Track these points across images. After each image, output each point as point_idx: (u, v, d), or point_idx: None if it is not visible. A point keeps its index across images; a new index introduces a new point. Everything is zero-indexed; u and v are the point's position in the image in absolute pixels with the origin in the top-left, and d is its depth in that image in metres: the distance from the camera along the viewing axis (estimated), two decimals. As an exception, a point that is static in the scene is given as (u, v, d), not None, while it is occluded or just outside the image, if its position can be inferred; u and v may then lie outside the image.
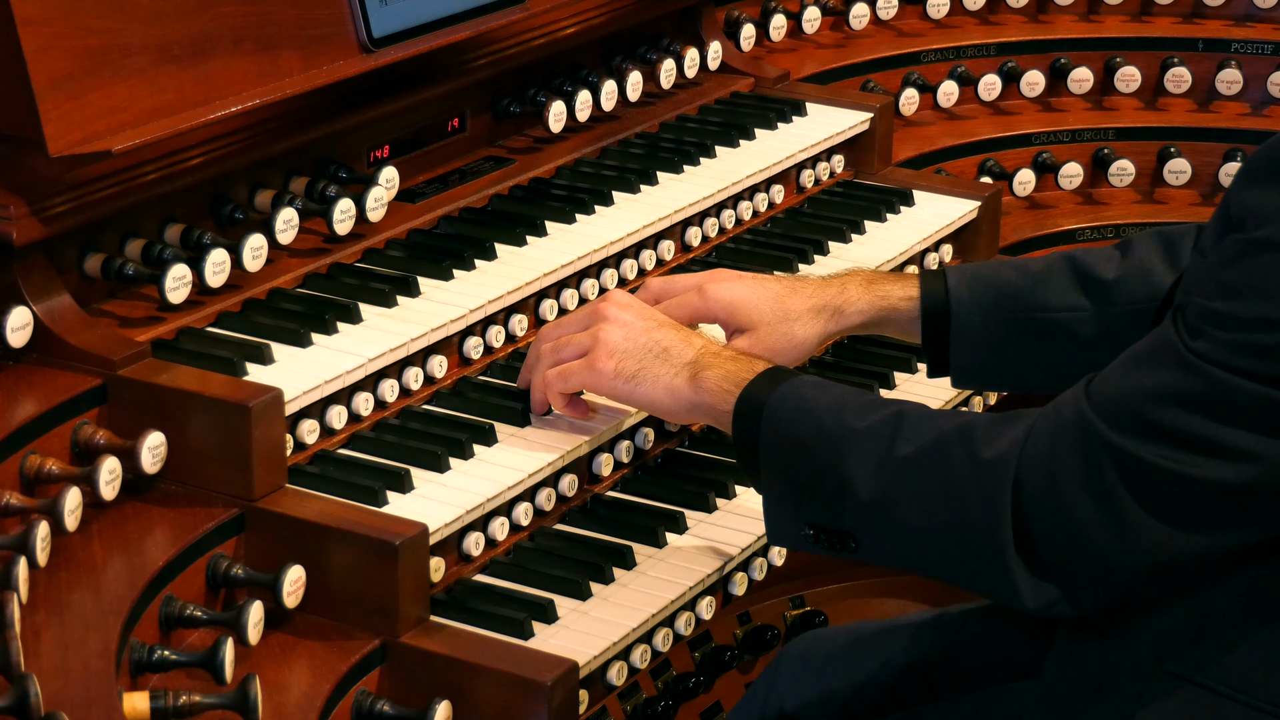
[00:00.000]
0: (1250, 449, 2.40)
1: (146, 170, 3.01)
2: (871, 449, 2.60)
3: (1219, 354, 2.39)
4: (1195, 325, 2.43)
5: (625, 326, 2.93)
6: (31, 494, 2.72)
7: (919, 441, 2.57)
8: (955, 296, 3.08)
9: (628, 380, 2.90)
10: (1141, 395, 2.45)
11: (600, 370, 2.92)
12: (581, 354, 2.95)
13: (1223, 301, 2.41)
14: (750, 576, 3.04)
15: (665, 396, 2.88)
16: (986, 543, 2.51)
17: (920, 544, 2.58)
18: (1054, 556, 2.50)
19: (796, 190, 3.92)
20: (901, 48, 4.52)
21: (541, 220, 3.45)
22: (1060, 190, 4.48)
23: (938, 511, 2.55)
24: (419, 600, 2.77)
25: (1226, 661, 2.55)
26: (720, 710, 3.92)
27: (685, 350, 2.88)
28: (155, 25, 3.03)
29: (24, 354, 2.89)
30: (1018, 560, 2.50)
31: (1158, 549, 2.47)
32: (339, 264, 3.27)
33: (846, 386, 2.77)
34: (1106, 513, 2.46)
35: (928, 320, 3.10)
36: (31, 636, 2.48)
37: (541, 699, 2.65)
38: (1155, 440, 2.43)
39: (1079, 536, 2.48)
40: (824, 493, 2.64)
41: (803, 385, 2.74)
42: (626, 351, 2.91)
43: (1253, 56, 4.63)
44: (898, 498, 2.58)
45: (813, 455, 2.66)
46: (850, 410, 2.66)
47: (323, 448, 2.96)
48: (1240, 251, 2.41)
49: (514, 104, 3.72)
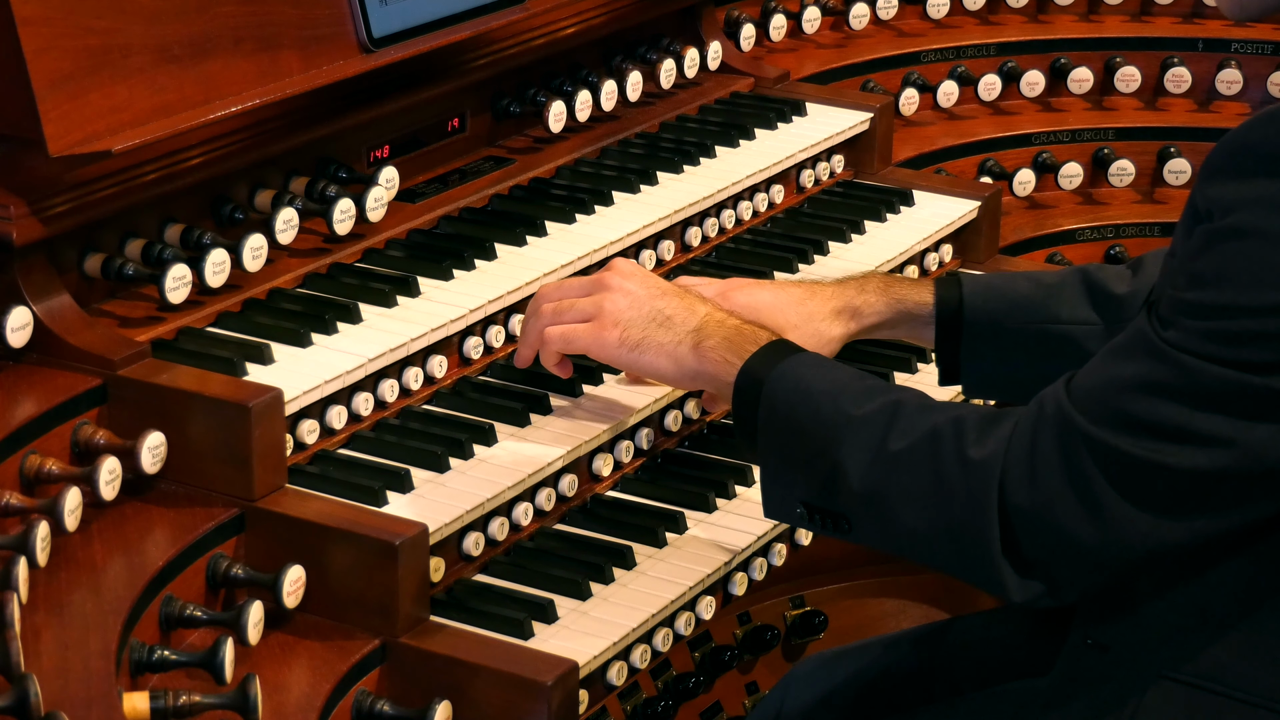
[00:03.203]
0: (1225, 435, 2.42)
1: (146, 170, 3.01)
2: (866, 440, 2.62)
3: (1190, 342, 2.42)
4: (1167, 316, 2.45)
5: (629, 295, 2.95)
6: (31, 494, 2.72)
7: (912, 436, 2.59)
8: (969, 304, 3.11)
9: (632, 349, 2.94)
10: (1117, 387, 2.47)
11: (605, 339, 2.95)
12: (584, 319, 2.97)
13: (1192, 291, 2.43)
14: (750, 576, 3.04)
15: (669, 364, 2.92)
16: (974, 540, 2.54)
17: (910, 536, 2.61)
18: (1038, 553, 2.53)
19: (796, 190, 3.92)
20: (901, 48, 4.52)
21: (541, 220, 3.45)
22: (1060, 190, 4.48)
23: (928, 508, 2.58)
24: (419, 600, 2.77)
25: (1223, 660, 2.56)
26: (720, 710, 3.92)
27: (689, 318, 2.91)
28: (155, 25, 3.03)
29: (24, 354, 2.89)
30: (1003, 558, 2.53)
31: (1140, 539, 2.49)
32: (339, 264, 3.27)
33: (846, 367, 2.79)
34: (1087, 505, 2.48)
35: (941, 326, 3.13)
36: (31, 636, 2.48)
37: (541, 699, 2.65)
38: (1131, 431, 2.45)
39: (1061, 531, 2.50)
40: (818, 476, 2.67)
41: (802, 364, 2.76)
42: (631, 320, 2.94)
43: (1253, 56, 4.63)
44: (889, 492, 2.60)
45: (809, 438, 2.69)
46: (847, 395, 2.68)
47: (323, 448, 2.96)
48: (1207, 241, 2.43)
49: (514, 104, 3.72)
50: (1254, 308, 2.38)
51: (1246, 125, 2.44)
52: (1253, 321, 2.38)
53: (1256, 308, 2.38)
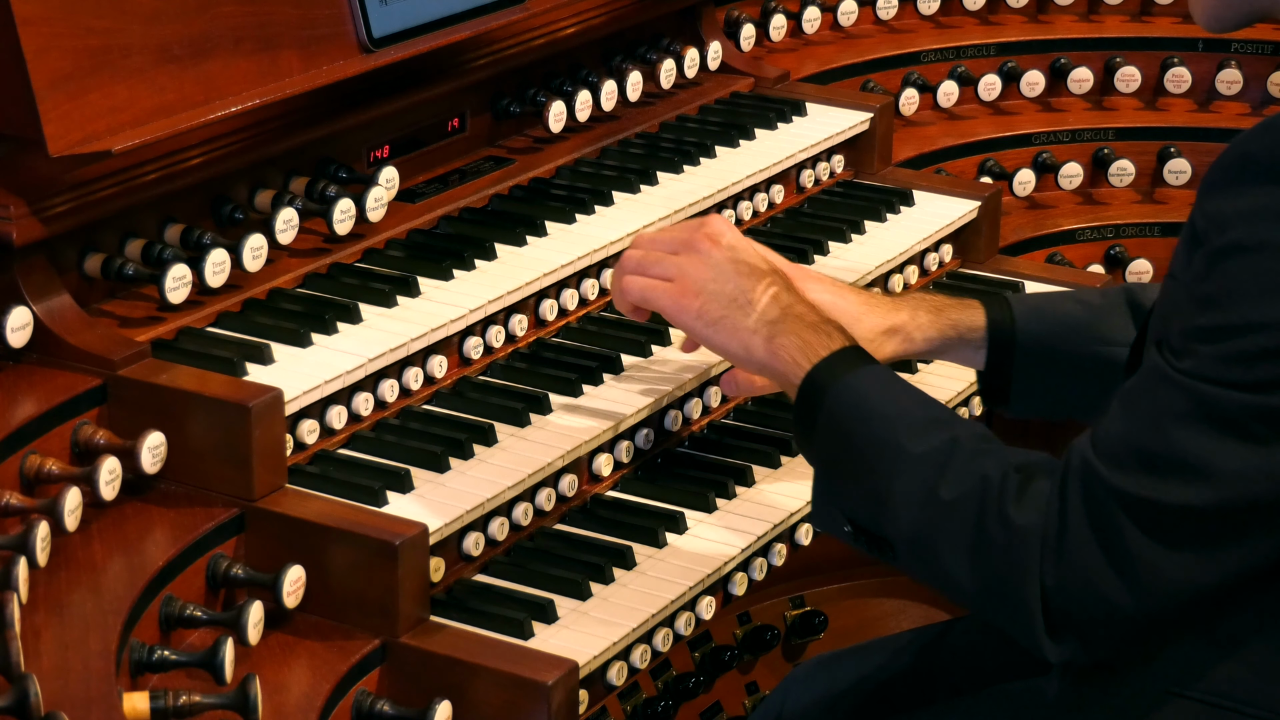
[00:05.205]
0: (1253, 463, 2.37)
1: (146, 170, 3.01)
2: (918, 480, 2.58)
3: (1206, 368, 2.37)
4: (1180, 346, 2.41)
5: (715, 266, 2.90)
6: (31, 494, 2.72)
7: (962, 486, 2.54)
8: (1021, 328, 3.08)
9: (709, 324, 2.90)
10: (1138, 430, 2.42)
11: (684, 305, 2.92)
12: (667, 277, 2.94)
13: (1203, 315, 2.39)
14: (750, 576, 3.04)
15: (740, 349, 2.88)
16: (1015, 601, 2.50)
17: (954, 584, 2.57)
18: (1075, 623, 2.49)
19: (796, 190, 3.92)
20: (901, 48, 4.52)
21: (541, 220, 3.45)
22: (1060, 190, 4.48)
23: (971, 560, 2.54)
24: (419, 600, 2.77)
25: (1236, 676, 2.55)
26: (720, 710, 3.92)
27: (770, 306, 2.86)
28: (155, 25, 3.03)
29: (24, 354, 2.89)
30: (1043, 627, 2.49)
31: (1175, 589, 2.44)
32: (339, 264, 3.27)
33: (912, 388, 2.73)
34: (1121, 569, 2.43)
35: (993, 350, 3.10)
36: (31, 636, 2.48)
37: (541, 699, 2.65)
38: (1158, 473, 2.40)
39: (1095, 601, 2.45)
40: (869, 501, 2.64)
41: (868, 379, 2.71)
42: (714, 294, 2.90)
43: (1253, 56, 4.63)
44: (936, 538, 2.56)
45: (863, 462, 2.64)
46: (907, 425, 2.63)
47: (323, 448, 2.96)
48: (1209, 263, 2.39)
49: (514, 104, 3.72)
50: (1266, 322, 2.33)
51: (1244, 136, 2.41)
52: (1265, 336, 2.33)
53: (1269, 322, 2.33)
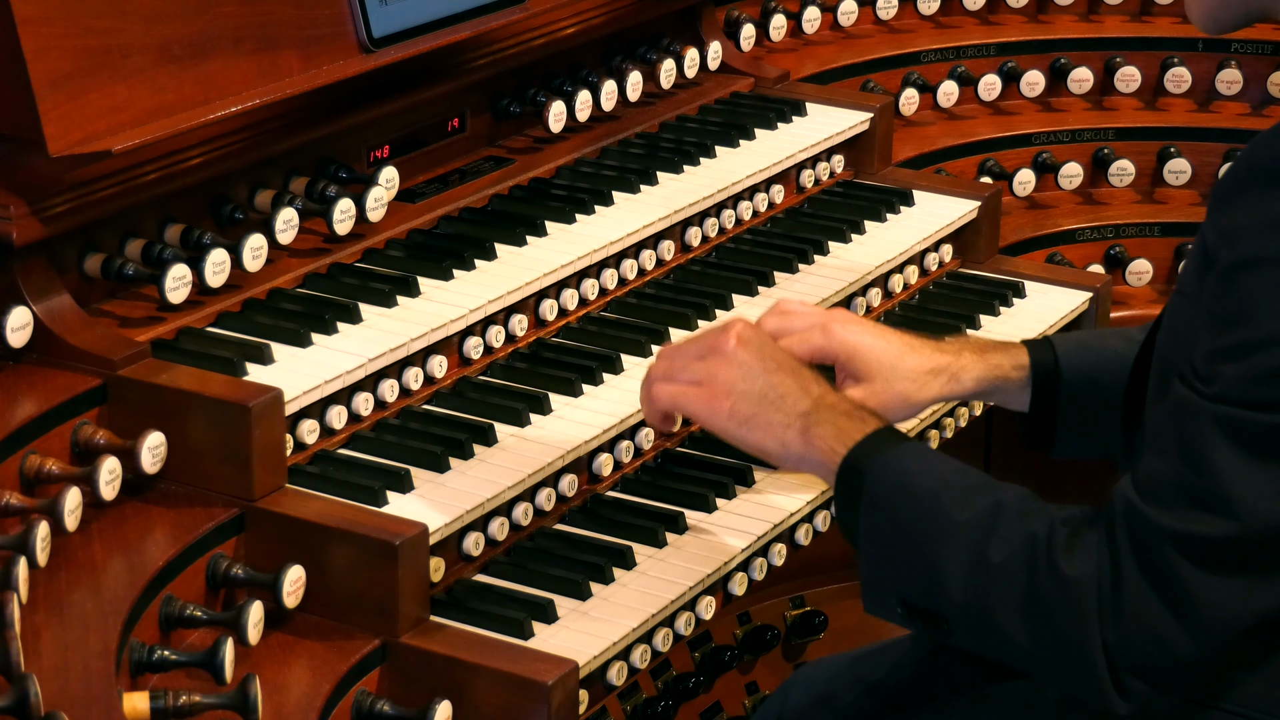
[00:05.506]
0: None
1: (146, 170, 3.01)
2: (966, 546, 2.56)
3: (1234, 391, 2.36)
4: (1205, 371, 2.39)
5: (743, 366, 2.84)
6: (31, 494, 2.72)
7: (1011, 547, 2.53)
8: (1065, 366, 3.04)
9: (742, 423, 2.84)
10: (1175, 466, 2.41)
11: (716, 409, 2.85)
12: (696, 382, 2.89)
13: (1225, 335, 2.37)
14: (750, 576, 3.04)
15: (776, 446, 2.82)
16: (1077, 658, 2.49)
17: (1013, 648, 2.56)
18: (1144, 666, 2.48)
19: (796, 190, 3.92)
20: (901, 48, 4.52)
21: (541, 220, 3.45)
22: (1060, 190, 4.48)
23: (1027, 619, 2.52)
24: (419, 600, 2.77)
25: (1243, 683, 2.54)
26: (720, 710, 3.92)
27: (801, 399, 2.81)
28: (155, 25, 3.03)
29: (24, 354, 2.89)
30: (1107, 676, 2.48)
31: (1237, 617, 2.44)
32: (339, 264, 3.27)
33: (950, 459, 2.71)
34: (1178, 611, 2.42)
35: (1038, 388, 3.06)
36: (31, 636, 2.48)
37: (541, 699, 2.65)
38: (1201, 507, 2.39)
39: (1156, 647, 2.45)
40: (919, 578, 2.62)
41: (907, 457, 2.69)
42: (744, 393, 2.84)
43: (1253, 56, 4.63)
44: (991, 603, 2.55)
45: (910, 539, 2.63)
46: (949, 495, 2.61)
47: (323, 448, 2.96)
48: (1225, 279, 2.38)
49: (514, 104, 3.72)
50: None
51: (1250, 148, 2.40)
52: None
53: None
